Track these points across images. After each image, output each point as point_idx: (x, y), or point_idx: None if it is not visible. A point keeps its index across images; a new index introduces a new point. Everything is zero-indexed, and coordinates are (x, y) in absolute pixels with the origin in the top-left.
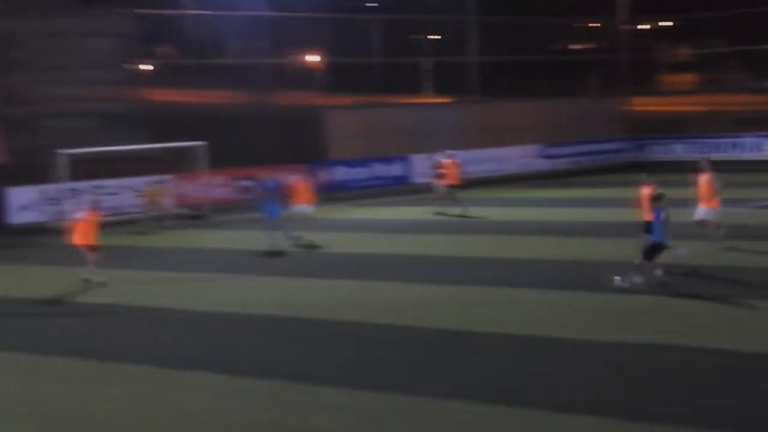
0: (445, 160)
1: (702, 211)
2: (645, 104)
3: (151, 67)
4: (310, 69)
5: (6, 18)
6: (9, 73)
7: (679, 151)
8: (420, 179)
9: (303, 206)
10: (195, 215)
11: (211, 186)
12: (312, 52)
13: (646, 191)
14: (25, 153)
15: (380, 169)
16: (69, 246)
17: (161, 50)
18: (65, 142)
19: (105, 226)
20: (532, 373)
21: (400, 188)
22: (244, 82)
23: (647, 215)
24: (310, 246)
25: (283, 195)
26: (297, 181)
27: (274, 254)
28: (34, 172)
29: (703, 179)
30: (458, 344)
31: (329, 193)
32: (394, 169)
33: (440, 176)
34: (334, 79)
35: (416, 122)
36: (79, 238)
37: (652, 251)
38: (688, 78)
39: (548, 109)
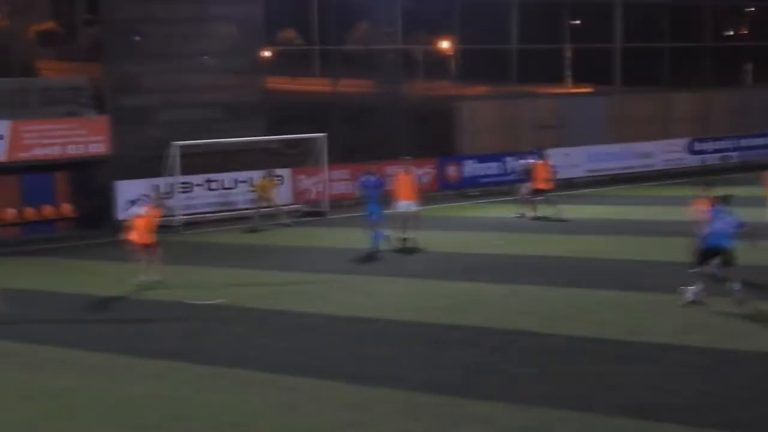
0: (536, 162)
1: None
2: None
3: (272, 54)
4: (442, 56)
5: (126, 3)
6: (127, 61)
7: None
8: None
9: (405, 203)
10: (313, 212)
11: (331, 181)
12: (444, 39)
13: None
14: (139, 145)
15: (514, 165)
16: (127, 243)
17: (283, 35)
18: (181, 134)
19: (214, 224)
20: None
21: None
22: (371, 70)
23: None
24: (411, 247)
25: (383, 192)
26: (399, 175)
27: (372, 256)
28: (147, 166)
29: None
30: (610, 354)
31: (458, 189)
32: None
33: (527, 179)
34: (467, 68)
35: (555, 114)
36: (137, 235)
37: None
38: None
39: (698, 99)
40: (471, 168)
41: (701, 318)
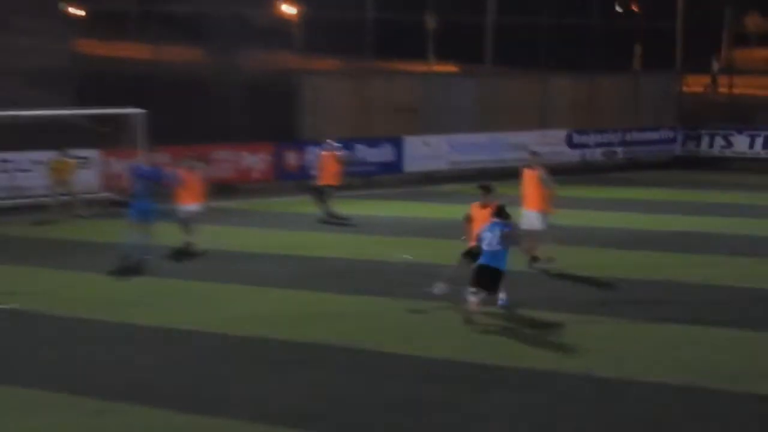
0: (324, 153)
1: None
2: (703, 85)
3: (83, 13)
4: (284, 23)
5: None
6: None
7: (742, 145)
8: (413, 167)
9: (188, 206)
10: (126, 201)
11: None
12: (287, 2)
13: None
14: None
15: (366, 154)
16: None
17: None
18: None
19: (5, 213)
20: None
21: (391, 178)
22: (201, 36)
23: None
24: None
25: (163, 187)
26: (183, 170)
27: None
28: None
29: None
30: None
31: (298, 181)
32: (383, 154)
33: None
34: (314, 38)
35: (415, 96)
36: None
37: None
38: (761, 54)
39: (581, 85)
40: (314, 156)
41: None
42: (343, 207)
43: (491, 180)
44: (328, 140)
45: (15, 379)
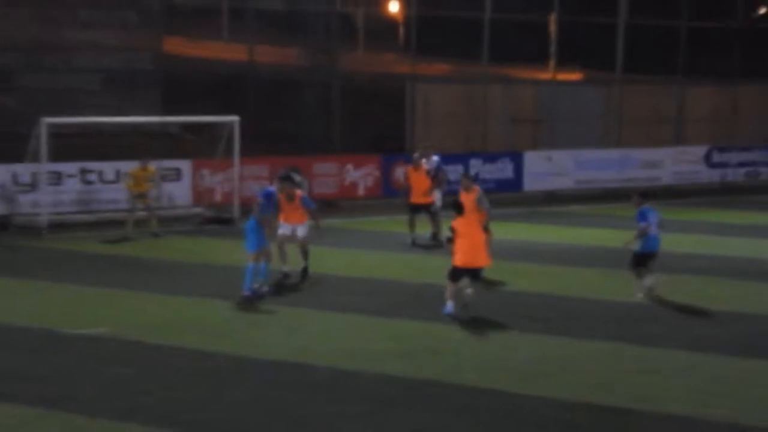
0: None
1: None
2: None
3: (168, 9)
4: (390, 23)
5: None
6: None
7: None
8: (534, 186)
9: (290, 226)
10: (219, 218)
11: (243, 178)
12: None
13: None
14: None
15: (481, 169)
16: None
17: None
18: (47, 106)
19: (89, 227)
20: None
21: (510, 196)
22: (298, 35)
23: None
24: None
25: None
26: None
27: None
28: (4, 146)
29: None
30: None
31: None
32: (500, 170)
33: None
34: (423, 39)
35: (535, 105)
36: None
37: None
38: None
39: (722, 96)
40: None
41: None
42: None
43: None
44: (416, 153)
45: (98, 410)
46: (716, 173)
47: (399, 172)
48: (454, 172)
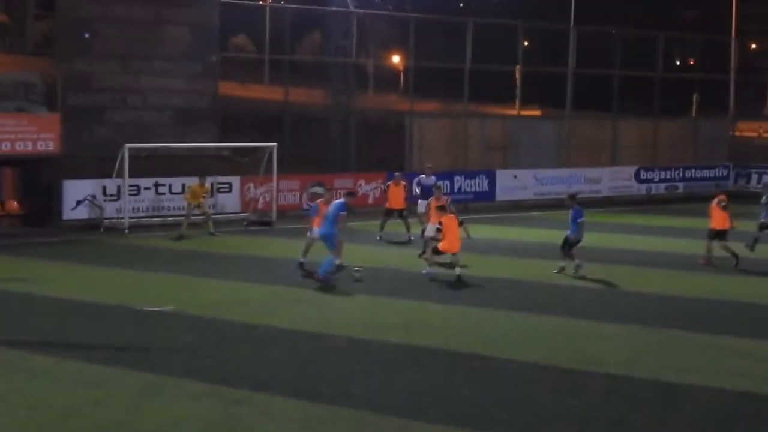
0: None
1: None
2: (752, 130)
3: (223, 60)
4: (393, 71)
5: (80, 1)
6: (80, 59)
7: None
8: (504, 197)
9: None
10: (261, 221)
11: (280, 191)
12: (396, 54)
13: None
14: (88, 145)
15: (463, 183)
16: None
17: (236, 41)
18: (130, 136)
19: (161, 228)
20: None
21: (485, 205)
22: (323, 80)
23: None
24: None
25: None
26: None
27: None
28: (95, 166)
29: None
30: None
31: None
32: (478, 185)
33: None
34: (419, 84)
35: (504, 135)
36: None
37: None
38: None
39: (646, 129)
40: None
41: (649, 347)
42: None
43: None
44: (396, 173)
45: (166, 369)
46: (643, 187)
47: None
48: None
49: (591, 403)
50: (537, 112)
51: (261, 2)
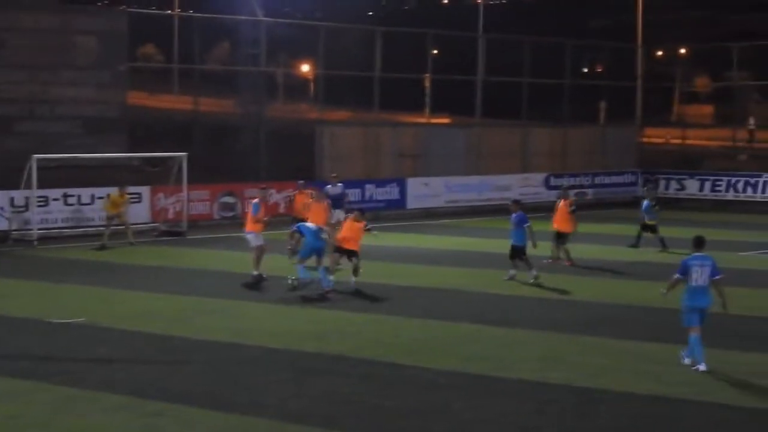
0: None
1: None
2: (658, 136)
3: (132, 69)
4: (303, 80)
5: None
6: None
7: (693, 188)
8: (415, 204)
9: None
10: (172, 231)
11: (191, 201)
12: (306, 62)
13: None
14: None
15: (374, 192)
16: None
17: (144, 51)
18: (40, 146)
19: (70, 240)
20: None
21: (396, 213)
22: (233, 90)
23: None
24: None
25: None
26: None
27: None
28: (4, 177)
29: None
30: None
31: None
32: (389, 193)
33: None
34: (329, 93)
35: (416, 143)
36: None
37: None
38: (706, 110)
39: (555, 136)
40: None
41: (560, 352)
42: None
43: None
44: (300, 181)
45: (80, 381)
46: (553, 194)
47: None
48: (353, 194)
49: (505, 410)
50: (447, 120)
51: (170, 12)
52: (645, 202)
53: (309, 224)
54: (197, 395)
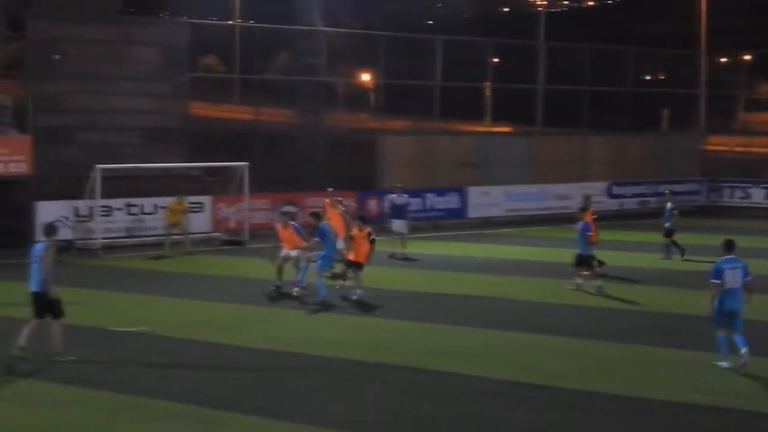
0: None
1: None
2: (722, 144)
3: (193, 80)
4: (363, 89)
5: (47, 22)
6: (47, 81)
7: (758, 196)
8: (475, 213)
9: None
10: (233, 240)
11: (251, 210)
12: (366, 72)
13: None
14: (60, 166)
15: (434, 201)
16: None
17: (205, 61)
18: (101, 156)
19: (133, 249)
20: None
21: (456, 222)
22: (293, 100)
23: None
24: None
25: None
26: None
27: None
28: (67, 187)
29: None
30: None
31: (378, 224)
32: (449, 202)
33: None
34: (389, 102)
35: (474, 151)
36: None
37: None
38: None
39: (616, 144)
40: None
41: (616, 364)
42: (415, 247)
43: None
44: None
45: (139, 389)
46: (615, 202)
47: (372, 204)
48: (413, 203)
49: (556, 419)
50: (507, 129)
51: (230, 22)
52: (667, 206)
53: (332, 230)
54: (251, 403)
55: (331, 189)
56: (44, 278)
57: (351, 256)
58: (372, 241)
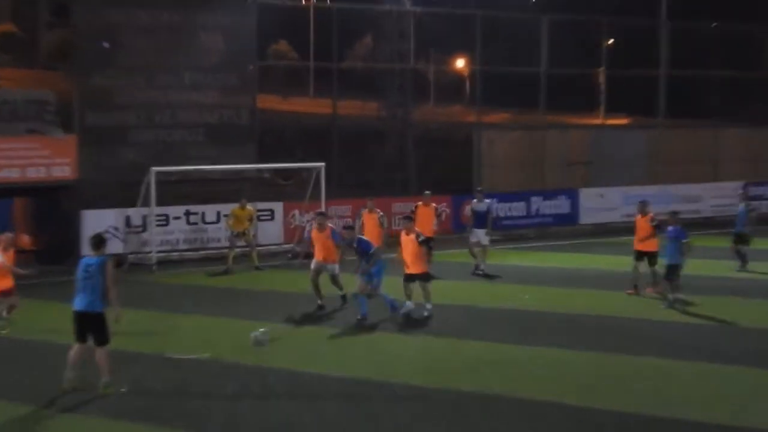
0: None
1: None
2: None
3: (262, 70)
4: (457, 78)
5: (101, 6)
6: (100, 73)
7: None
8: (588, 219)
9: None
10: (309, 253)
11: (329, 217)
12: (461, 58)
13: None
14: (110, 169)
15: (541, 205)
16: None
17: (276, 48)
18: (158, 158)
19: (192, 263)
20: None
21: (567, 229)
22: (377, 91)
23: None
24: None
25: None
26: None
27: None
28: (118, 193)
29: None
30: None
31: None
32: (558, 206)
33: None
34: (487, 92)
35: (587, 148)
36: None
37: None
38: None
39: (754, 138)
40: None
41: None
42: (518, 258)
43: None
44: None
45: (204, 423)
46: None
47: (467, 209)
48: (516, 208)
49: None
50: (625, 121)
51: (304, 3)
52: (741, 207)
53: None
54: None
55: (428, 192)
56: (94, 299)
57: (407, 269)
58: (422, 243)
